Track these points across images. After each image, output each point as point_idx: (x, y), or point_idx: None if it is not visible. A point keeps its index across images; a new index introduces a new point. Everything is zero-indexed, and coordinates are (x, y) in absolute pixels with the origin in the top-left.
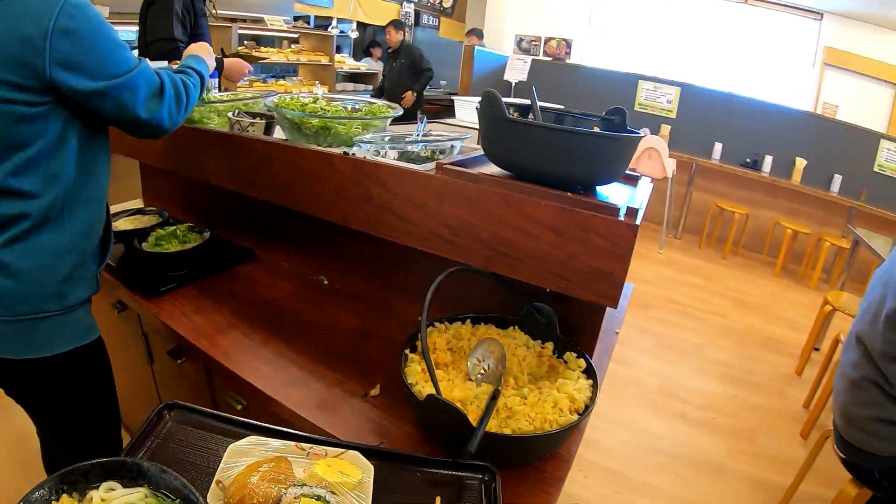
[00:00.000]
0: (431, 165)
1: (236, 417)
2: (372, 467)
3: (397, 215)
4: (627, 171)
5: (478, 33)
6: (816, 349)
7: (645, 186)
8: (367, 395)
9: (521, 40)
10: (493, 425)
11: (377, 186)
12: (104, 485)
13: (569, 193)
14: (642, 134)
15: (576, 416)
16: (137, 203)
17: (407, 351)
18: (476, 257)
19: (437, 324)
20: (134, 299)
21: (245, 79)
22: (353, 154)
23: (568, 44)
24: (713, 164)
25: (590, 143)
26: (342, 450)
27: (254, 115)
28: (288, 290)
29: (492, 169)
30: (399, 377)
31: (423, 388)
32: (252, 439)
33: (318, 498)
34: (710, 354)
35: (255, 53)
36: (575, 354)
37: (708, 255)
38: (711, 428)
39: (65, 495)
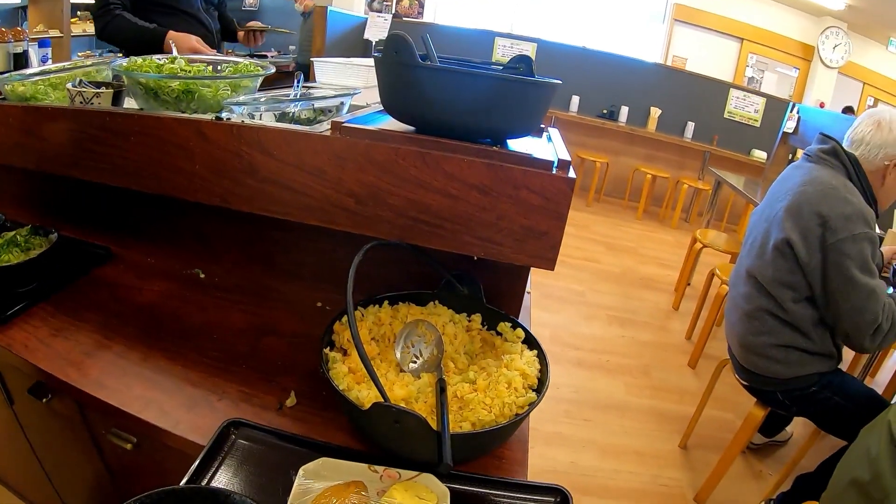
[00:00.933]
0: (322, 127)
1: (302, 436)
2: (447, 492)
3: (290, 188)
4: None
5: None
6: (689, 284)
7: (558, 137)
8: (283, 406)
9: (373, 1)
10: (449, 420)
11: (262, 156)
12: None
13: (495, 147)
14: (559, 81)
15: (534, 394)
16: None
17: (326, 350)
18: (389, 228)
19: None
20: None
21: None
22: (228, 119)
23: (420, 3)
24: (572, 116)
25: (520, 89)
26: (416, 472)
27: (98, 85)
28: (160, 291)
29: (393, 125)
30: (313, 377)
31: (361, 393)
32: (323, 461)
33: None
34: (591, 299)
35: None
36: (510, 324)
37: (574, 204)
38: (607, 369)
39: None
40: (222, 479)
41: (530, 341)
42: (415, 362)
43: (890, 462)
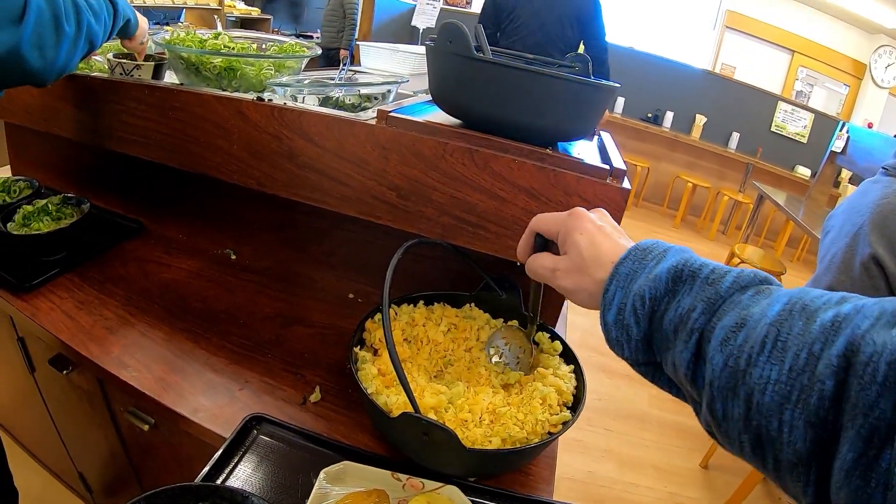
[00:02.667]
0: (368, 114)
1: (326, 437)
2: None
3: (330, 176)
4: None
5: None
6: None
7: (611, 143)
8: (307, 401)
9: None
10: (477, 435)
11: (302, 140)
12: None
13: (548, 150)
14: (619, 84)
15: (568, 413)
16: (5, 171)
17: (356, 349)
18: (430, 226)
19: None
20: (2, 296)
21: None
22: (270, 100)
23: None
24: (616, 118)
25: (578, 90)
26: (440, 484)
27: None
28: (189, 270)
29: (440, 117)
30: (340, 372)
31: (389, 399)
32: (346, 465)
33: None
34: None
35: None
36: (548, 335)
37: None
38: (632, 378)
39: None
40: (241, 475)
41: (568, 355)
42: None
43: None
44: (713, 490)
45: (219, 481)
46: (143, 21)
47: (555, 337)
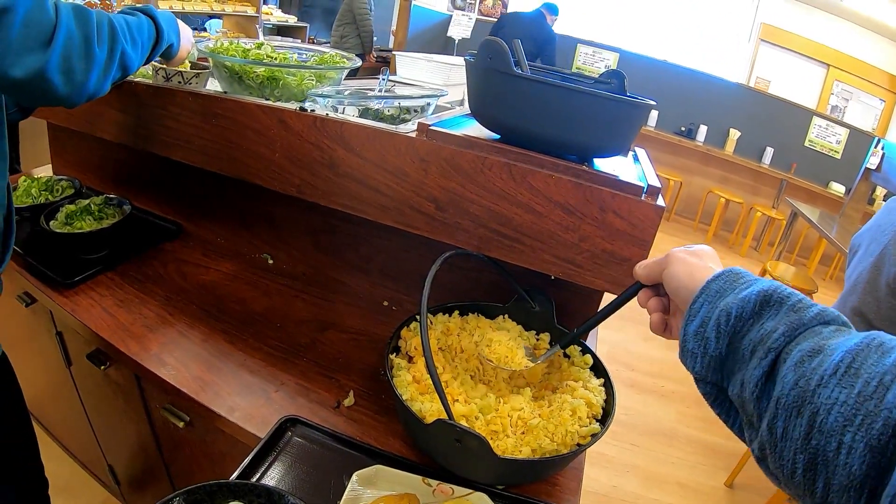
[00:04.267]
0: (408, 127)
1: (359, 441)
2: None
3: (369, 186)
4: None
5: None
6: None
7: (646, 160)
8: (341, 404)
9: None
10: (508, 444)
11: (343, 150)
12: None
13: (584, 166)
14: (654, 102)
15: (597, 426)
16: (47, 170)
17: (392, 356)
18: (467, 238)
19: (418, 317)
20: (43, 291)
21: None
22: (312, 111)
23: (504, 3)
24: (649, 131)
25: (615, 108)
26: (469, 490)
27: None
28: (227, 272)
29: (477, 131)
30: (373, 378)
31: (423, 406)
32: (378, 469)
33: None
34: None
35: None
36: (579, 349)
37: None
38: (660, 394)
39: None
40: (274, 475)
41: (598, 368)
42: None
43: None
44: None
45: (253, 480)
46: (186, 42)
47: (586, 350)
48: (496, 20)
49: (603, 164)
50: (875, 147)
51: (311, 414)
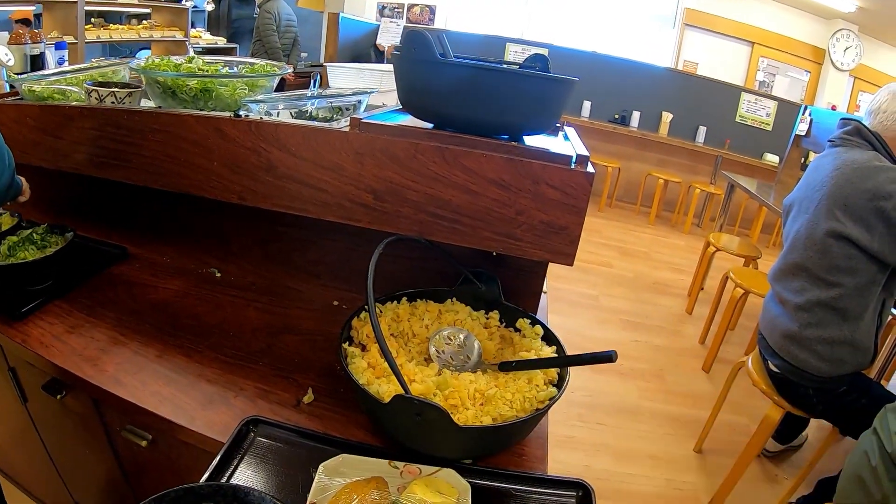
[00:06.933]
0: (342, 123)
1: (322, 433)
2: (469, 487)
3: (308, 184)
4: None
5: None
6: (702, 289)
7: (574, 134)
8: (301, 402)
9: (384, 8)
10: (469, 416)
11: (280, 152)
12: None
13: (514, 142)
14: (577, 78)
15: (554, 389)
16: None
17: (345, 345)
18: (408, 224)
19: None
20: None
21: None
22: (247, 116)
23: (431, 10)
24: (583, 121)
25: (538, 84)
26: (436, 468)
27: (111, 86)
28: (176, 290)
29: (411, 123)
30: (331, 374)
31: (381, 388)
32: (343, 458)
33: None
34: (605, 303)
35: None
36: (528, 321)
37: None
38: (620, 374)
39: None
40: (242, 477)
41: (549, 338)
42: (446, 360)
43: (884, 468)
44: (709, 473)
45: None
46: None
47: (535, 322)
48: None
49: (533, 141)
50: (803, 114)
51: (273, 414)
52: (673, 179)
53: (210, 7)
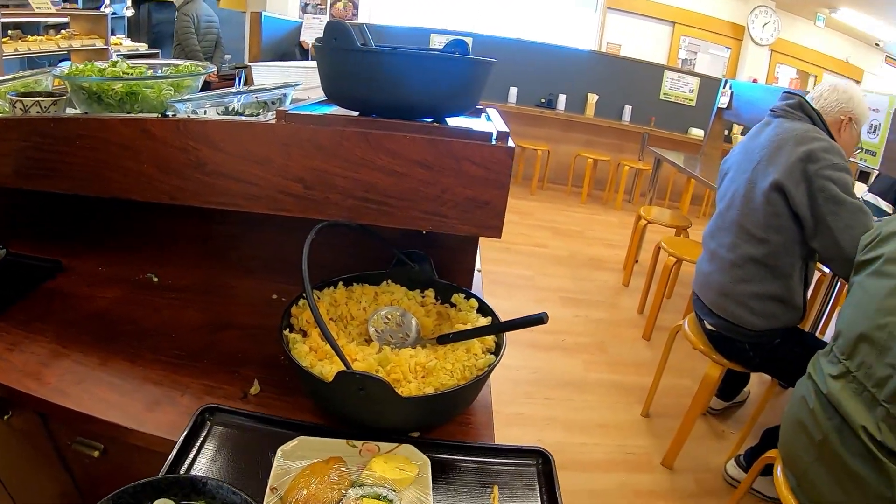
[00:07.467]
0: (268, 116)
1: (279, 417)
2: (428, 461)
3: (237, 178)
4: None
5: None
6: (637, 261)
7: (496, 115)
8: (248, 394)
9: (307, 5)
10: (412, 388)
11: (209, 149)
12: (157, 502)
13: (436, 124)
14: (494, 59)
15: (492, 356)
16: None
17: (286, 332)
18: (337, 210)
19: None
20: None
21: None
22: (174, 115)
23: (355, 4)
24: (511, 107)
25: (456, 66)
26: (395, 444)
27: (35, 96)
28: (113, 298)
29: (336, 112)
30: (275, 365)
31: (324, 369)
32: (301, 440)
33: (381, 497)
34: (542, 283)
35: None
36: (463, 296)
37: (517, 193)
38: (563, 349)
39: None
40: (201, 466)
41: (484, 309)
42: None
43: (822, 410)
44: (658, 435)
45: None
46: None
47: (469, 296)
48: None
49: (455, 122)
50: (724, 88)
51: None
52: (602, 158)
53: (129, 13)
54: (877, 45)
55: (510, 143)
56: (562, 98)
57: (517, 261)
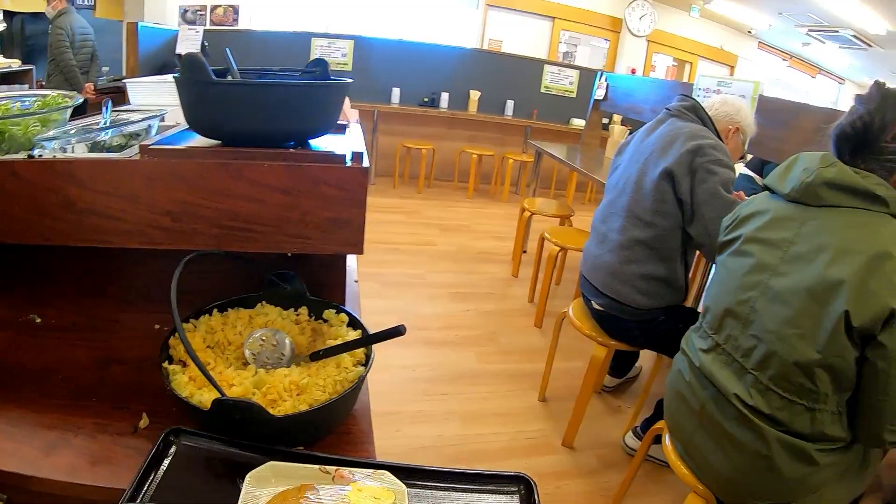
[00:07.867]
0: (133, 151)
1: (248, 442)
2: (405, 490)
3: (108, 216)
4: None
5: None
6: (524, 252)
7: (356, 131)
8: (138, 428)
9: (186, 11)
10: (287, 407)
11: (77, 188)
12: None
13: (296, 149)
14: (349, 80)
15: (362, 368)
16: None
17: (165, 364)
18: (205, 239)
19: (182, 324)
20: None
21: None
22: (41, 156)
23: (235, 10)
24: (394, 108)
25: (308, 93)
26: (370, 470)
27: None
28: None
29: (200, 142)
30: (163, 396)
31: (203, 397)
32: (271, 465)
33: None
34: (431, 280)
35: None
36: (334, 311)
37: (403, 193)
38: (456, 343)
39: None
40: (164, 494)
41: (354, 323)
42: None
43: (697, 381)
44: (556, 418)
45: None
46: None
47: (339, 310)
48: None
49: (317, 143)
50: (600, 80)
51: (113, 445)
52: (486, 153)
53: (2, 26)
54: (749, 32)
55: (365, 162)
56: (444, 96)
57: (406, 260)
